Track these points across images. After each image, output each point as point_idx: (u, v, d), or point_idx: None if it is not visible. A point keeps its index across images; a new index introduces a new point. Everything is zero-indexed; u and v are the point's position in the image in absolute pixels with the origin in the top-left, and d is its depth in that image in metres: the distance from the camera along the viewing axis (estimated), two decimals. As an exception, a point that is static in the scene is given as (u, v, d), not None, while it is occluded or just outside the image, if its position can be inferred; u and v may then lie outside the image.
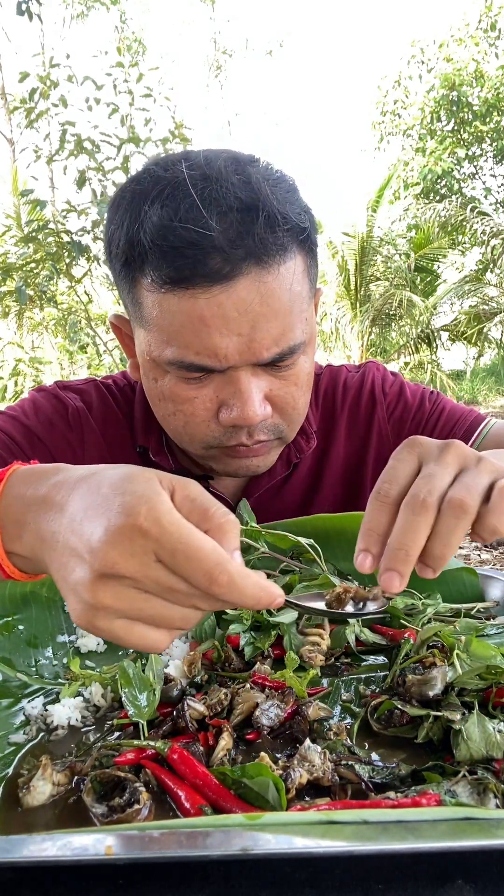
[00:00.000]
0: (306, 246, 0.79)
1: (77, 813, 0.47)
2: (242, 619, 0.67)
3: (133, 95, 5.58)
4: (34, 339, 9.41)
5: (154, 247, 0.72)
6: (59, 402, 0.98)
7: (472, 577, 0.80)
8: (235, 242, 0.70)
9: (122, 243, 0.77)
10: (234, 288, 0.71)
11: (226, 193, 0.71)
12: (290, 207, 0.75)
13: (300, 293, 0.77)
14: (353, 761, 0.49)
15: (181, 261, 0.71)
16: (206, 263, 0.70)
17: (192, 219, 0.70)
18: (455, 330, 12.29)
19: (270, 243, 0.72)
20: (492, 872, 0.40)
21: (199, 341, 0.73)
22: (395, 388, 1.10)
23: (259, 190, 0.73)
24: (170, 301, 0.73)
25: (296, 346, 0.77)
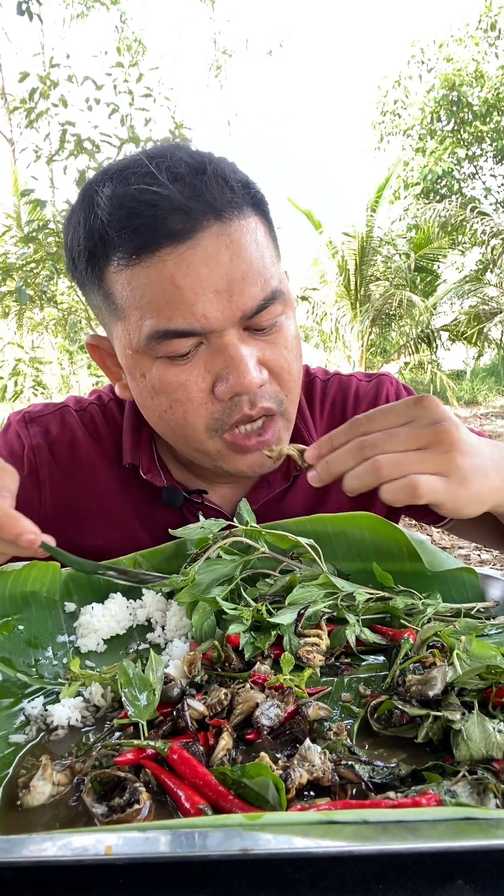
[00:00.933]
0: (261, 209, 0.80)
1: (77, 813, 0.47)
2: (242, 619, 0.67)
3: (133, 95, 5.58)
4: (34, 339, 9.41)
5: (112, 220, 0.73)
6: (18, 441, 0.97)
7: (472, 577, 0.80)
8: (192, 199, 0.71)
9: (82, 239, 0.78)
10: (200, 243, 0.71)
11: (175, 162, 0.74)
12: (237, 174, 0.78)
13: (267, 247, 0.78)
14: (353, 761, 0.49)
15: (141, 226, 0.71)
16: (167, 223, 0.71)
17: (145, 183, 0.72)
18: (455, 330, 12.28)
19: (226, 199, 0.73)
20: (492, 872, 0.40)
21: (175, 306, 0.72)
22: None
23: (205, 156, 0.76)
24: (138, 274, 0.73)
25: (276, 293, 0.77)
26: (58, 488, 0.95)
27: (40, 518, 0.92)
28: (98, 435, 0.99)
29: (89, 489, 0.96)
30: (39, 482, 0.95)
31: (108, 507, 0.97)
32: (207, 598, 0.69)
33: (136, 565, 0.81)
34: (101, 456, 0.98)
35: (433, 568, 0.78)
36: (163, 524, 0.87)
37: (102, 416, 1.00)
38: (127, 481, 0.97)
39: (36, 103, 5.58)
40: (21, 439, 0.97)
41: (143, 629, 0.76)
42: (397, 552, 0.80)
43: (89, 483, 0.96)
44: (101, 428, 0.99)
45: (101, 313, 0.83)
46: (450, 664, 0.58)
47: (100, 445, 0.98)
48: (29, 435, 0.97)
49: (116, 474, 0.97)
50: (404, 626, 0.70)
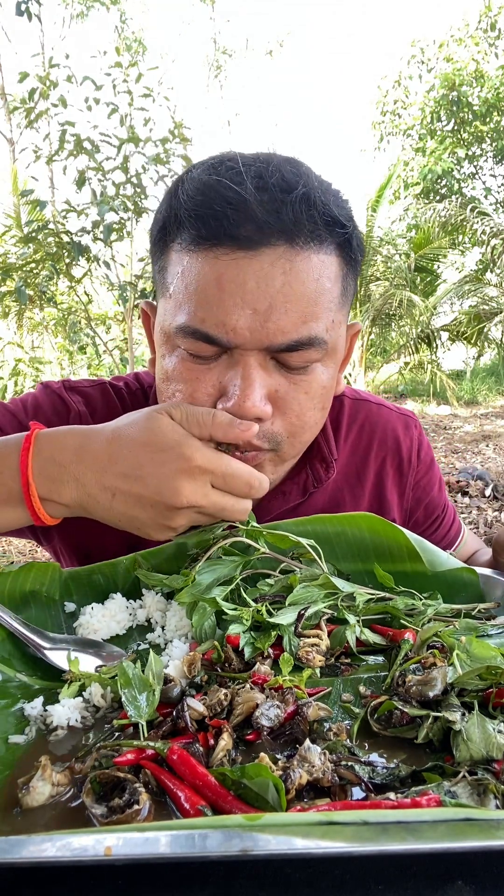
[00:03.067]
0: (346, 254, 0.77)
1: (77, 813, 0.47)
2: (242, 619, 0.67)
3: (132, 95, 5.57)
4: (34, 339, 9.41)
5: (190, 202, 0.73)
6: (63, 404, 0.96)
7: (472, 577, 0.80)
8: (270, 214, 0.69)
9: (161, 214, 0.78)
10: (259, 258, 0.70)
11: (272, 171, 0.72)
12: (336, 207, 0.75)
13: (329, 291, 0.75)
14: (353, 762, 0.49)
15: (212, 219, 0.70)
16: (236, 227, 0.69)
17: (232, 181, 0.71)
18: (455, 330, 12.28)
19: (305, 227, 0.71)
20: (492, 873, 0.40)
21: (210, 308, 0.71)
22: (428, 461, 1.09)
23: (307, 177, 0.74)
24: (192, 261, 0.72)
25: (315, 340, 0.74)
26: None
27: None
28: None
29: None
30: None
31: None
32: (207, 599, 0.69)
33: (136, 565, 0.81)
34: None
35: (433, 568, 0.78)
36: None
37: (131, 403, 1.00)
38: None
39: (35, 103, 5.57)
40: (66, 403, 0.96)
41: (143, 629, 0.76)
42: (397, 552, 0.80)
43: None
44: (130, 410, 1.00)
45: (155, 283, 0.83)
46: (450, 664, 0.58)
47: None
48: (74, 401, 0.96)
49: None
50: (404, 626, 0.70)
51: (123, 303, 6.32)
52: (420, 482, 1.08)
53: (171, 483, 0.67)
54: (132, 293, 6.11)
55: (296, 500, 0.96)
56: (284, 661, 0.63)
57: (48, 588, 0.77)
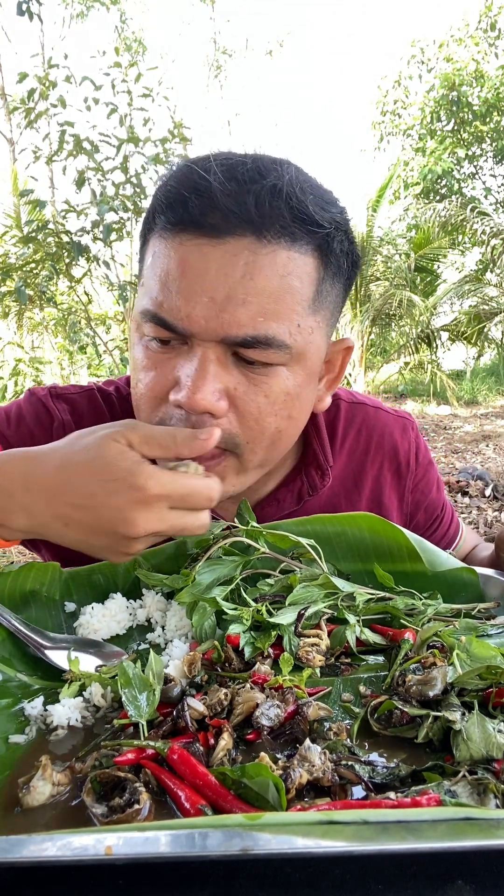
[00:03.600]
0: (325, 257, 0.74)
1: (77, 813, 0.47)
2: (242, 619, 0.67)
3: (132, 95, 5.57)
4: (34, 339, 9.41)
5: (164, 189, 0.74)
6: (46, 413, 0.95)
7: (472, 577, 0.80)
8: (233, 203, 0.69)
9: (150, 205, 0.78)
10: (223, 247, 0.69)
11: (250, 166, 0.71)
12: (315, 207, 0.72)
13: (298, 291, 0.72)
14: (353, 761, 0.49)
15: (179, 204, 0.71)
16: (202, 213, 0.70)
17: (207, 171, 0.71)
18: (455, 330, 12.28)
19: (275, 220, 0.69)
20: (492, 872, 0.40)
21: (170, 292, 0.71)
22: (425, 463, 1.09)
23: (284, 172, 0.72)
24: (162, 247, 0.73)
25: (274, 341, 0.71)
26: None
27: None
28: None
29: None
30: None
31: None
32: (207, 599, 0.69)
33: (136, 565, 0.81)
34: None
35: (433, 568, 0.78)
36: None
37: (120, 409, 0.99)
38: None
39: (35, 103, 5.57)
40: (50, 413, 0.95)
41: (143, 629, 0.76)
42: (397, 552, 0.80)
43: None
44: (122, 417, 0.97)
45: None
46: (450, 664, 0.58)
47: None
48: (58, 409, 0.96)
49: None
50: (404, 626, 0.70)
51: (123, 303, 6.32)
52: (419, 485, 1.08)
53: (125, 514, 0.63)
54: (132, 293, 6.11)
55: (290, 507, 0.95)
56: (284, 661, 0.63)
57: (48, 588, 0.77)
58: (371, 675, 0.64)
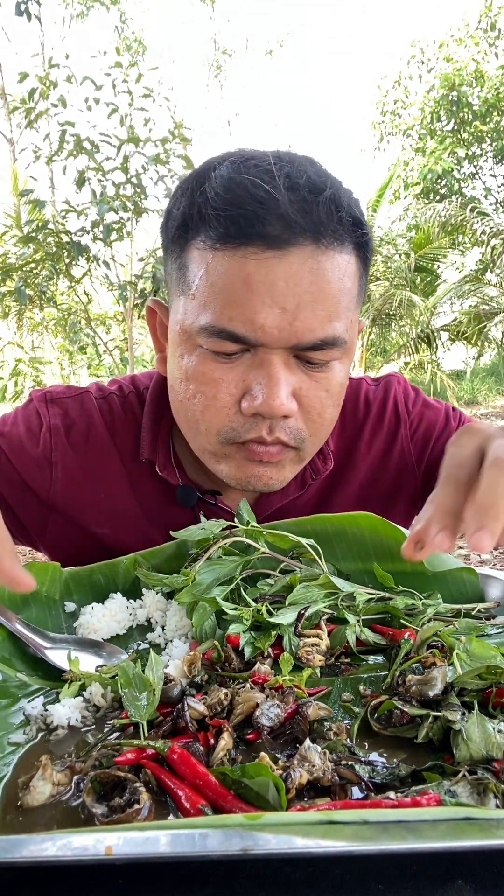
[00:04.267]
0: (363, 254, 0.78)
1: (77, 813, 0.47)
2: (242, 619, 0.67)
3: (132, 95, 5.57)
4: (34, 339, 9.41)
5: (217, 199, 0.72)
6: (37, 417, 0.96)
7: (472, 577, 0.80)
8: (299, 213, 0.70)
9: (183, 206, 0.77)
10: (288, 258, 0.70)
11: (298, 171, 0.72)
12: (355, 208, 0.76)
13: (350, 291, 0.75)
14: (353, 761, 0.49)
15: (240, 216, 0.70)
16: (266, 225, 0.69)
17: (262, 178, 0.70)
18: (455, 330, 12.28)
19: (331, 227, 0.71)
20: (492, 872, 0.40)
21: (238, 307, 0.71)
22: (419, 407, 1.06)
23: (330, 179, 0.74)
24: (219, 260, 0.72)
25: (338, 339, 0.75)
26: (70, 472, 0.95)
27: (50, 497, 0.95)
28: (114, 427, 0.98)
29: (100, 479, 0.96)
30: (52, 462, 0.95)
31: (119, 500, 0.96)
32: (207, 599, 0.69)
33: (136, 565, 0.81)
34: (116, 448, 0.97)
35: (433, 568, 0.78)
36: (174, 523, 0.86)
37: (122, 408, 0.99)
38: (140, 477, 0.97)
39: (35, 103, 5.57)
40: (40, 417, 0.96)
41: (143, 629, 0.76)
42: (397, 552, 0.80)
43: (101, 473, 0.96)
44: (118, 420, 0.98)
45: (170, 280, 0.82)
46: (450, 664, 0.58)
47: (115, 437, 0.97)
48: (48, 414, 0.96)
49: (130, 469, 0.97)
50: (404, 626, 0.70)
51: (123, 303, 6.32)
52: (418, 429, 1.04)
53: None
54: (132, 293, 6.11)
55: (295, 493, 0.97)
56: (284, 661, 0.63)
57: (48, 588, 0.77)
58: (371, 675, 0.64)
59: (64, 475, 0.95)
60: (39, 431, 0.95)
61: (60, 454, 0.95)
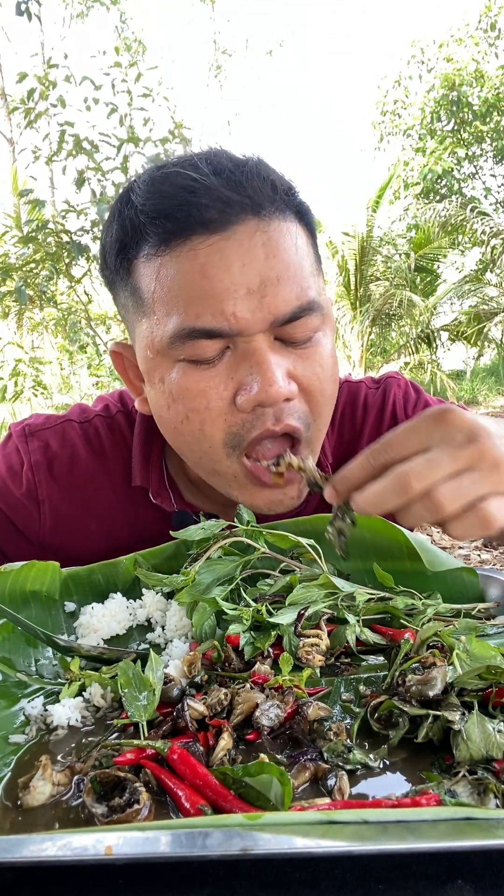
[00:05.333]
0: (305, 221, 0.76)
1: (77, 813, 0.47)
2: (242, 619, 0.67)
3: (132, 95, 5.58)
4: (34, 339, 9.41)
5: (146, 205, 0.70)
6: (17, 456, 0.92)
7: (472, 577, 0.80)
8: (232, 190, 0.69)
9: (115, 234, 0.75)
10: (235, 235, 0.68)
11: (218, 158, 0.72)
12: (281, 178, 0.75)
13: (307, 257, 0.74)
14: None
15: (174, 209, 0.68)
16: (202, 210, 0.68)
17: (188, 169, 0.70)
18: (455, 330, 12.29)
19: (267, 196, 0.70)
20: (492, 872, 0.40)
21: (203, 301, 0.68)
22: (420, 408, 1.02)
23: (250, 157, 0.74)
24: (167, 263, 0.70)
25: (313, 304, 0.72)
26: (57, 507, 0.91)
27: (40, 536, 0.92)
28: (102, 452, 0.93)
29: (91, 510, 0.92)
30: (38, 501, 0.91)
31: (113, 529, 0.93)
32: (207, 599, 0.69)
33: (136, 565, 0.81)
34: (105, 474, 0.93)
35: (433, 568, 0.78)
36: None
37: (108, 430, 0.95)
38: (133, 503, 0.92)
39: (35, 103, 5.58)
40: (20, 454, 0.92)
41: (143, 629, 0.76)
42: (397, 552, 0.80)
43: (92, 504, 0.92)
44: (105, 444, 0.94)
45: (127, 314, 0.79)
46: (450, 664, 0.58)
47: (103, 463, 0.93)
48: (28, 451, 0.92)
49: (122, 495, 0.92)
50: (404, 626, 0.70)
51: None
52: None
53: None
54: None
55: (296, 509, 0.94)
56: (284, 661, 0.63)
57: (48, 588, 0.77)
58: (371, 675, 0.64)
59: (52, 511, 0.91)
60: (21, 469, 0.91)
61: (45, 491, 0.91)
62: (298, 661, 0.64)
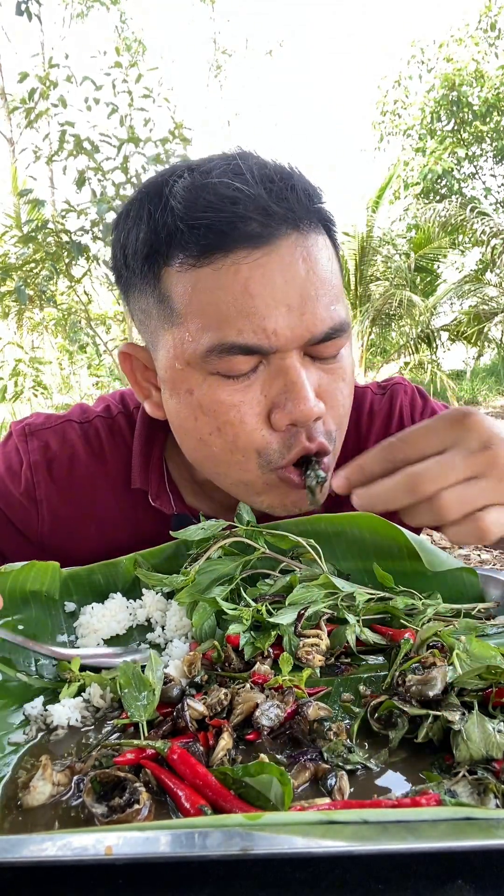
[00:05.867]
0: (330, 232, 0.76)
1: (77, 813, 0.47)
2: (242, 619, 0.67)
3: (132, 95, 5.58)
4: (34, 339, 9.41)
5: (186, 213, 0.67)
6: (17, 455, 0.92)
7: (472, 577, 0.80)
8: (275, 203, 0.66)
9: (143, 236, 0.71)
10: (277, 251, 0.66)
11: (262, 163, 0.70)
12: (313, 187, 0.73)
13: (337, 272, 0.73)
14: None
15: (218, 222, 0.66)
16: (246, 224, 0.65)
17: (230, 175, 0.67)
18: (455, 330, 12.28)
19: (306, 211, 0.69)
20: (492, 872, 0.40)
21: (245, 317, 0.66)
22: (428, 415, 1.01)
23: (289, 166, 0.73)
24: (207, 277, 0.67)
25: (344, 324, 0.71)
26: (56, 508, 0.91)
27: (39, 536, 0.92)
28: (101, 453, 0.92)
29: (90, 512, 0.92)
30: (37, 501, 0.90)
31: (112, 531, 0.92)
32: (207, 599, 0.69)
33: (136, 565, 0.81)
34: (104, 476, 0.92)
35: (433, 568, 0.78)
36: None
37: (109, 431, 0.93)
38: (133, 505, 0.92)
39: (35, 103, 5.58)
40: (19, 454, 0.91)
41: (143, 629, 0.76)
42: (397, 552, 0.80)
43: (91, 505, 0.91)
44: (105, 445, 0.93)
45: (148, 319, 0.76)
46: (450, 664, 0.58)
47: (103, 465, 0.92)
48: (28, 450, 0.91)
49: (121, 497, 0.92)
50: (404, 626, 0.70)
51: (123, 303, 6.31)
52: None
53: None
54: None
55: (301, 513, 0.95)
56: (284, 661, 0.63)
57: (48, 588, 0.77)
58: (371, 675, 0.64)
59: (50, 512, 0.90)
60: (20, 469, 0.91)
61: (44, 491, 0.90)
62: (298, 661, 0.64)
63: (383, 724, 0.55)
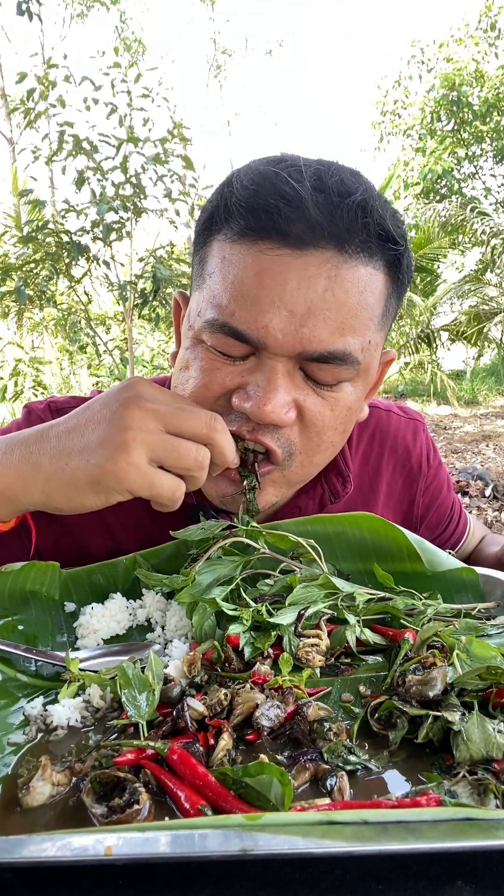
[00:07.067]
0: (394, 273, 0.74)
1: (77, 813, 0.47)
2: (242, 619, 0.67)
3: (131, 96, 5.57)
4: (34, 339, 9.41)
5: (243, 192, 0.70)
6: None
7: (472, 577, 0.80)
8: (324, 215, 0.67)
9: (213, 199, 0.75)
10: (305, 258, 0.67)
11: (333, 175, 0.70)
12: (392, 223, 0.71)
13: (372, 308, 0.71)
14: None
15: (262, 210, 0.67)
16: (287, 223, 0.66)
17: (291, 176, 0.68)
18: (455, 330, 12.27)
19: (357, 235, 0.68)
20: (492, 872, 0.40)
21: (245, 302, 0.68)
22: (436, 464, 1.07)
23: (367, 188, 0.71)
24: (235, 253, 0.69)
25: (348, 356, 0.70)
26: None
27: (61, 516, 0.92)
28: None
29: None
30: None
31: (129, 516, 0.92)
32: (207, 599, 0.69)
33: (136, 565, 0.81)
34: None
35: (433, 568, 0.78)
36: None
37: None
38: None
39: (35, 103, 5.57)
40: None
41: (143, 629, 0.76)
42: (397, 552, 0.80)
43: None
44: None
45: (194, 275, 0.80)
46: (450, 664, 0.58)
47: None
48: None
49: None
50: (404, 626, 0.70)
51: (123, 303, 6.32)
52: (430, 486, 1.07)
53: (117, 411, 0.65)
54: (132, 293, 6.11)
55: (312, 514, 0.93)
56: (284, 661, 0.63)
57: (48, 588, 0.77)
58: (371, 675, 0.64)
59: None
60: None
61: None
62: (298, 662, 0.64)
63: (383, 725, 0.55)
